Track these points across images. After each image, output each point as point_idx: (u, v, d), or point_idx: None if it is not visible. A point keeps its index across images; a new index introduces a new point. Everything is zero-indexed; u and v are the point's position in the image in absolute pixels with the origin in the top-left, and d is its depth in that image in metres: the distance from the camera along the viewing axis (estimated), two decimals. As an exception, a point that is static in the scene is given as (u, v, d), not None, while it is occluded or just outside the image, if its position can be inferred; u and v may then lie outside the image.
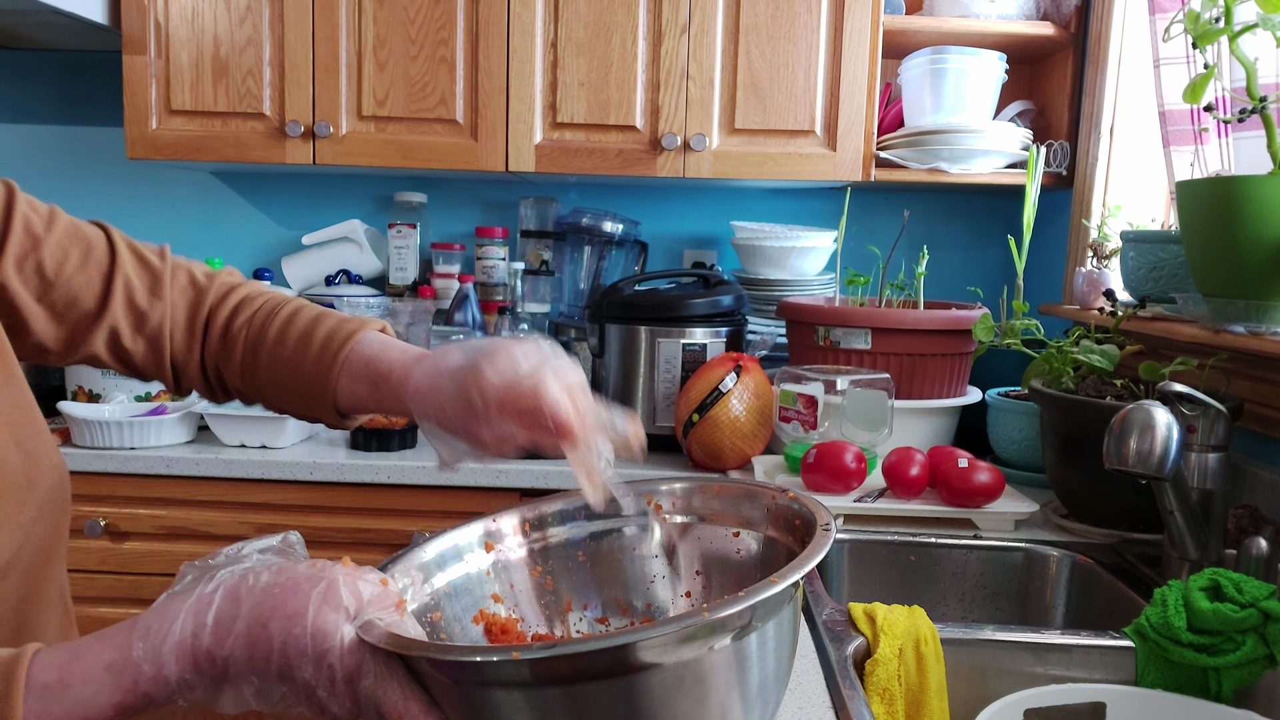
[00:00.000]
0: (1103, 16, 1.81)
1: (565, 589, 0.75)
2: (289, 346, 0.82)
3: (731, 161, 1.89)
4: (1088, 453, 1.25)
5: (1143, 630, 0.92)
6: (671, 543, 0.77)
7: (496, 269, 2.16)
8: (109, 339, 0.81)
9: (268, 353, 0.83)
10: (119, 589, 1.63)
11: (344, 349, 0.80)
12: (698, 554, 0.76)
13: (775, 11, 1.85)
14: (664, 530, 0.77)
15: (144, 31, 1.87)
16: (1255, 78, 1.11)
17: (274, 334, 0.83)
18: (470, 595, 0.71)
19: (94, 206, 2.29)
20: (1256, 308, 1.15)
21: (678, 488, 0.78)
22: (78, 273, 0.79)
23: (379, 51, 1.87)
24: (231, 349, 0.84)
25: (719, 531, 0.76)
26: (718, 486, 0.77)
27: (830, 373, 1.52)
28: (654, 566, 0.77)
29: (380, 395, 0.79)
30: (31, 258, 0.77)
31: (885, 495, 1.38)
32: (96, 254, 0.81)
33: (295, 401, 0.84)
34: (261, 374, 0.84)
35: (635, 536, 0.77)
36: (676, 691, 0.53)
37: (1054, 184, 1.93)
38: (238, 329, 0.84)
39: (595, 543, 0.77)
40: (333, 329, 0.82)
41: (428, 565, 0.69)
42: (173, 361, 0.84)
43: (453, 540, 0.72)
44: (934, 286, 2.09)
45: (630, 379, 1.77)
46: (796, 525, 0.69)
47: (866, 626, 0.96)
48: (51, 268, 0.77)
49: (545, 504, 0.77)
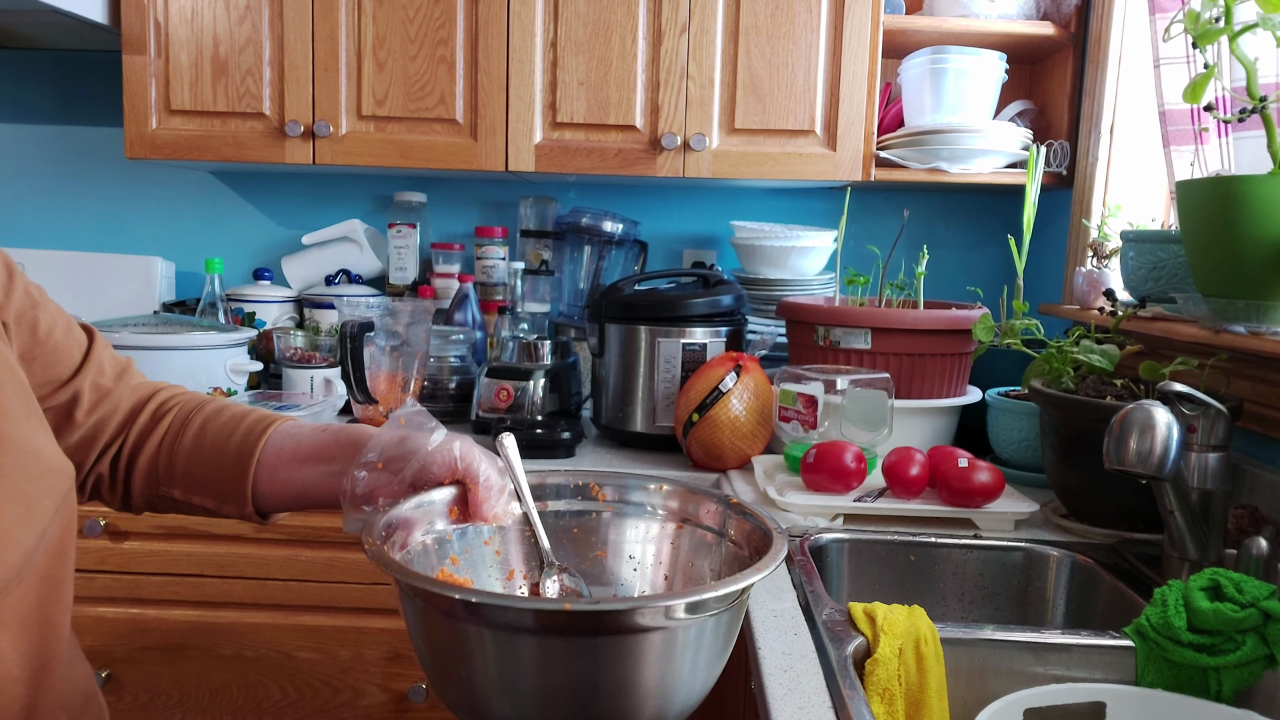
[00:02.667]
0: (1103, 16, 1.81)
1: (513, 559, 0.84)
2: (213, 432, 0.87)
3: (731, 161, 1.89)
4: (1088, 453, 1.24)
5: (1143, 630, 0.92)
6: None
7: (496, 269, 2.16)
8: (66, 405, 0.83)
9: (193, 435, 0.87)
10: (118, 589, 1.63)
11: (266, 433, 0.87)
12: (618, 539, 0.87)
13: (775, 11, 1.85)
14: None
15: (143, 31, 1.87)
16: (1255, 77, 1.11)
17: (202, 419, 0.88)
18: (437, 554, 0.79)
19: (93, 206, 2.29)
20: (1256, 308, 1.15)
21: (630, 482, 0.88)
22: (63, 339, 0.83)
23: (378, 51, 1.87)
24: (154, 429, 0.87)
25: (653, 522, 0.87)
26: (661, 485, 0.87)
27: (830, 372, 1.52)
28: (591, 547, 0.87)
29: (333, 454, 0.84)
30: (29, 315, 0.80)
31: (885, 495, 1.38)
32: (78, 333, 0.86)
33: (213, 487, 0.86)
34: (183, 455, 0.86)
35: (588, 520, 0.87)
36: (632, 655, 0.64)
37: (1054, 184, 1.93)
38: (165, 411, 0.89)
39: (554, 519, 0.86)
40: (256, 417, 0.88)
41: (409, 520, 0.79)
42: (102, 448, 0.86)
43: (429, 499, 0.80)
44: (934, 286, 2.09)
45: (630, 379, 1.76)
46: (747, 533, 0.80)
47: (866, 626, 0.95)
48: (43, 329, 0.81)
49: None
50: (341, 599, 1.62)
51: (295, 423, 0.88)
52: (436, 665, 0.68)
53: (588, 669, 0.63)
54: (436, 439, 0.78)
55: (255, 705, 1.65)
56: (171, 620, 1.64)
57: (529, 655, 0.63)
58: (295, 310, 2.21)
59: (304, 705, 1.65)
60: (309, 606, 1.63)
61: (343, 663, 1.64)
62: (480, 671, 0.64)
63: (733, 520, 0.81)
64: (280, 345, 1.93)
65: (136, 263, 2.17)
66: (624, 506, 0.86)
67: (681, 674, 0.66)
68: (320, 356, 1.91)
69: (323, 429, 0.86)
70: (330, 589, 1.62)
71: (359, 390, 1.67)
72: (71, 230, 2.30)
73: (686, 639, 0.66)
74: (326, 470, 0.83)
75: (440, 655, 0.67)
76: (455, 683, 0.66)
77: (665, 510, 0.85)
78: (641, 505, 0.86)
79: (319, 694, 1.65)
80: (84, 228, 2.30)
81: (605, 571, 0.85)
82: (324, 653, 1.64)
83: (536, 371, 1.82)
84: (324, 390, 1.87)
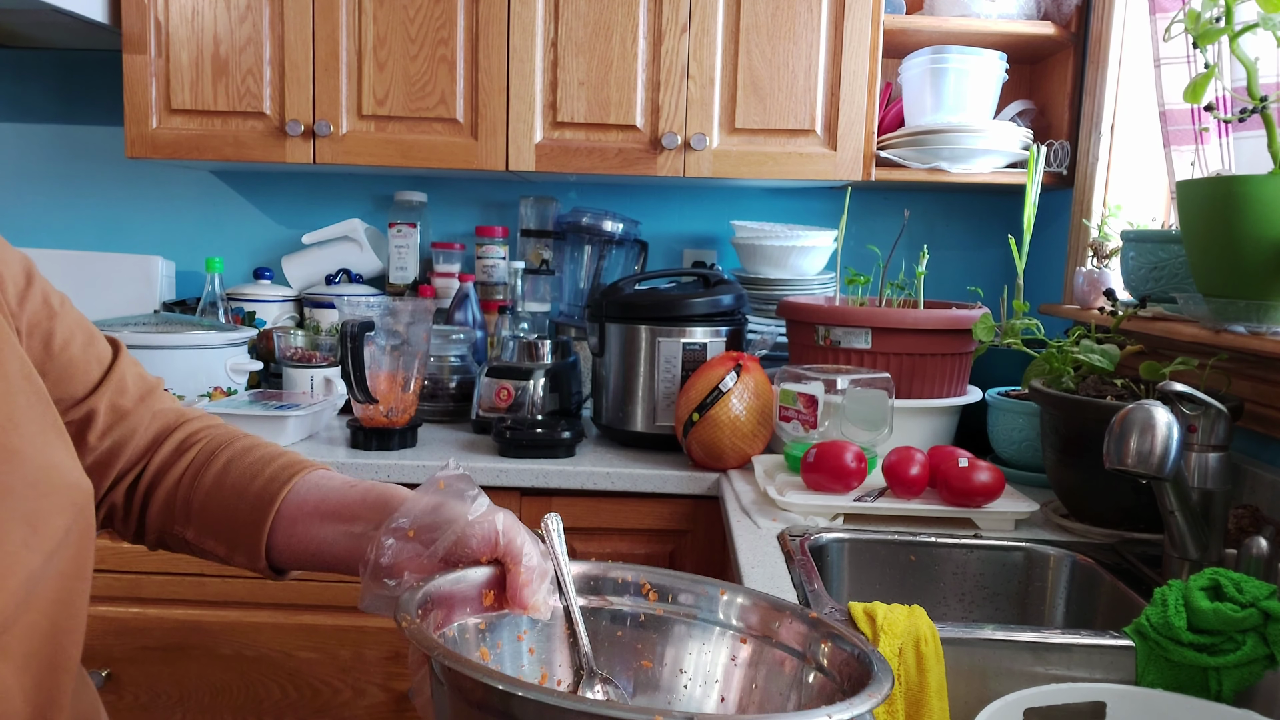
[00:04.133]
0: (1103, 16, 1.81)
1: (550, 660, 0.71)
2: (236, 474, 0.80)
3: (731, 161, 1.89)
4: (1088, 453, 1.24)
5: (1143, 630, 0.92)
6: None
7: (497, 268, 2.16)
8: (78, 425, 0.77)
9: (215, 474, 0.80)
10: (118, 588, 1.63)
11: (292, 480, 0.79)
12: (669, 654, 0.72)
13: (775, 11, 1.85)
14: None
15: (144, 30, 1.87)
16: (1256, 77, 1.11)
17: (228, 457, 0.81)
18: (465, 644, 0.68)
19: (94, 206, 2.29)
20: (1257, 308, 1.15)
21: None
22: (80, 354, 0.77)
23: (379, 50, 1.87)
24: (176, 462, 0.81)
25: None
26: (734, 595, 0.71)
27: (830, 372, 1.52)
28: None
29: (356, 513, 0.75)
30: (44, 326, 0.75)
31: (885, 495, 1.38)
32: (100, 347, 0.80)
33: (226, 534, 0.79)
34: (200, 494, 0.80)
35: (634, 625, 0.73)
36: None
37: (1054, 184, 1.93)
38: (191, 444, 0.82)
39: (598, 619, 0.73)
40: (285, 461, 0.81)
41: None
42: (117, 476, 0.80)
43: (465, 577, 0.68)
44: (934, 286, 2.09)
45: (630, 378, 1.76)
46: (841, 662, 0.64)
47: (866, 626, 0.95)
48: (58, 342, 0.75)
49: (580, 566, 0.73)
50: (341, 599, 1.62)
51: (326, 474, 0.80)
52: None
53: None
54: (478, 510, 0.68)
55: (255, 705, 1.65)
56: (171, 620, 1.64)
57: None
58: (295, 310, 2.21)
59: (304, 705, 1.65)
60: (309, 606, 1.63)
61: (343, 662, 1.64)
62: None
63: (819, 642, 0.66)
64: (280, 345, 1.93)
65: (137, 262, 2.17)
66: (681, 611, 0.72)
67: None
68: (320, 356, 1.91)
69: (353, 484, 0.77)
70: (330, 589, 1.62)
71: (359, 390, 1.67)
72: (72, 230, 2.30)
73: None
74: (347, 531, 0.74)
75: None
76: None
77: (737, 623, 0.70)
78: (707, 615, 0.71)
79: (319, 694, 1.65)
80: (84, 227, 2.30)
81: (652, 687, 0.71)
82: (324, 652, 1.64)
83: (537, 371, 1.82)
84: (324, 390, 1.87)
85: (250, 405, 1.74)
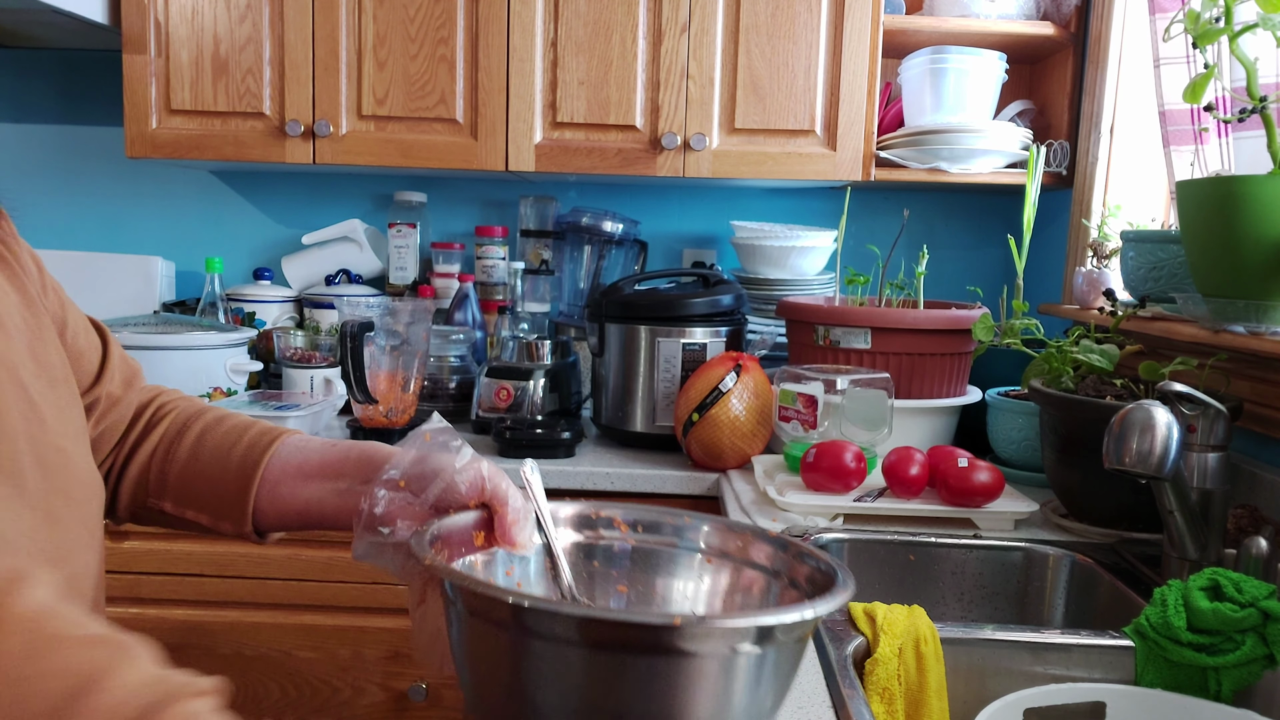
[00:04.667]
0: (1103, 16, 1.81)
1: (535, 592, 0.76)
2: (213, 443, 0.81)
3: (731, 161, 1.89)
4: (1087, 452, 1.24)
5: (1142, 630, 0.92)
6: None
7: (496, 268, 2.16)
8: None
9: (190, 445, 0.81)
10: (118, 588, 1.63)
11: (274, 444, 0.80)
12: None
13: (775, 11, 1.85)
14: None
15: (144, 30, 1.87)
16: (1255, 77, 1.11)
17: (201, 428, 0.82)
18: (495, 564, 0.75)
19: (94, 205, 2.29)
20: (1256, 308, 1.15)
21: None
22: (84, 344, 0.78)
23: (379, 50, 1.87)
24: (147, 436, 0.82)
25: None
26: (698, 521, 0.77)
27: (830, 372, 1.52)
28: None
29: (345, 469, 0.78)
30: (59, 317, 0.75)
31: (885, 495, 1.38)
32: (93, 334, 0.80)
33: (210, 502, 0.80)
34: (176, 466, 0.81)
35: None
36: (697, 679, 0.57)
37: (1054, 184, 1.93)
38: (160, 418, 0.83)
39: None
40: (259, 430, 0.82)
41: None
42: (101, 459, 0.81)
43: (459, 520, 0.74)
44: (934, 286, 2.09)
45: (630, 378, 1.76)
46: (807, 575, 0.70)
47: (866, 626, 0.95)
48: (69, 334, 0.76)
49: (602, 508, 0.79)
50: (341, 598, 1.63)
51: (303, 436, 0.82)
52: (489, 684, 0.61)
53: (645, 692, 0.56)
54: (464, 458, 0.73)
55: (255, 705, 1.65)
56: (171, 620, 1.64)
57: (592, 671, 0.56)
58: (295, 310, 2.21)
59: (304, 704, 1.65)
60: (309, 606, 1.63)
61: (342, 662, 1.64)
62: (536, 688, 0.58)
63: (787, 560, 0.71)
64: (280, 345, 1.93)
65: (136, 262, 2.17)
66: (653, 540, 0.76)
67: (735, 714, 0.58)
68: (320, 356, 1.91)
69: (333, 444, 0.80)
70: (330, 588, 1.62)
71: (359, 390, 1.67)
72: (72, 230, 2.30)
73: (748, 669, 0.57)
74: (334, 488, 0.77)
75: (501, 676, 0.60)
76: (501, 697, 0.60)
77: (705, 547, 0.75)
78: (675, 541, 0.76)
79: (319, 693, 1.65)
80: (84, 227, 2.30)
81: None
82: (324, 652, 1.64)
83: (536, 371, 1.82)
84: (324, 390, 1.87)
85: (250, 406, 1.74)
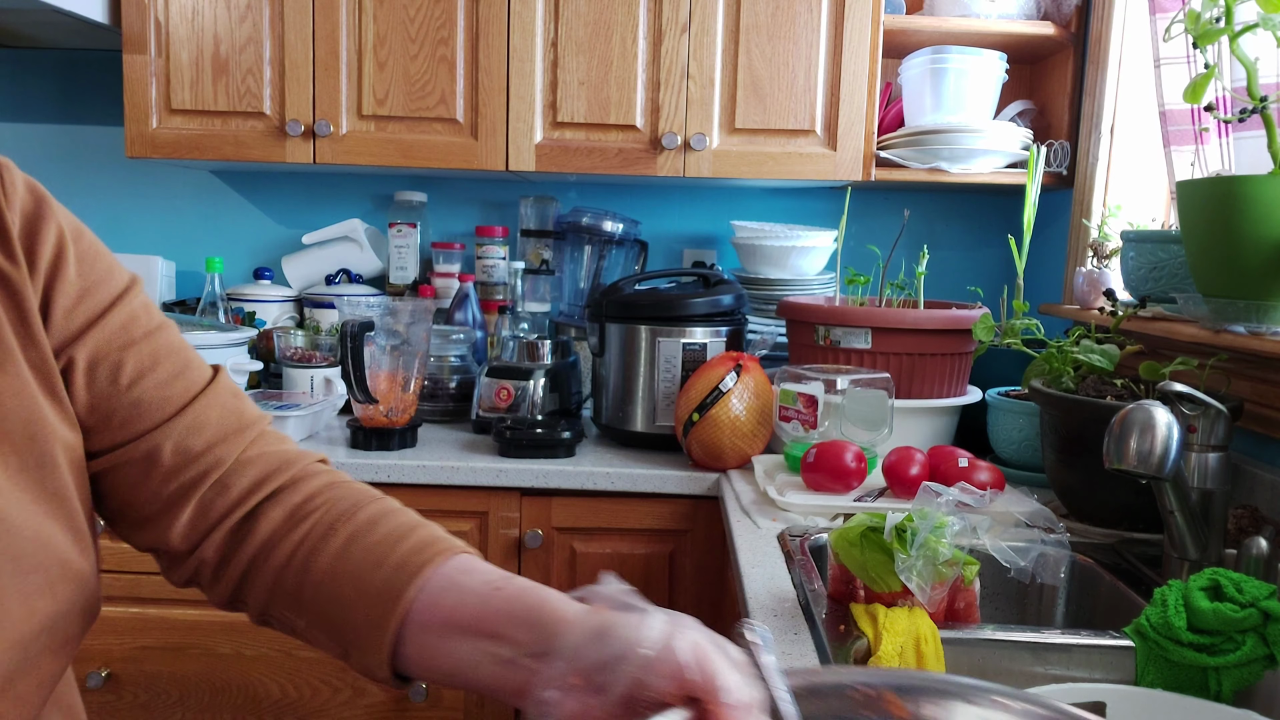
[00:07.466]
0: (1103, 16, 1.81)
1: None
2: (358, 556, 0.67)
3: (731, 161, 1.89)
4: (1088, 453, 1.24)
5: (1142, 630, 0.92)
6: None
7: (497, 268, 2.16)
8: (141, 466, 0.67)
9: (332, 555, 0.67)
10: (118, 588, 1.63)
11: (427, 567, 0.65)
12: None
13: (775, 11, 1.85)
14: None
15: (144, 30, 1.87)
16: (1255, 77, 1.11)
17: (348, 534, 0.68)
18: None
19: (94, 205, 2.29)
20: (1256, 308, 1.15)
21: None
22: (153, 390, 0.68)
23: (379, 50, 1.87)
24: (290, 533, 0.69)
25: None
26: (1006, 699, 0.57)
27: (830, 372, 1.52)
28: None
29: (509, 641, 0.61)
30: (112, 359, 0.66)
31: (885, 495, 1.38)
32: (188, 379, 0.70)
33: (341, 632, 0.67)
34: (314, 578, 0.67)
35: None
36: None
37: (1054, 184, 1.93)
38: (309, 512, 0.70)
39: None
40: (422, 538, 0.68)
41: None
42: (194, 528, 0.69)
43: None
44: (934, 286, 2.09)
45: (630, 378, 1.76)
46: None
47: (868, 626, 0.96)
48: (127, 376, 0.66)
49: None
50: (342, 598, 1.62)
51: (463, 566, 0.66)
52: None
53: None
54: (652, 635, 0.54)
55: (255, 704, 1.65)
56: (171, 619, 1.64)
57: None
58: (295, 310, 2.21)
59: (304, 704, 1.65)
60: (309, 606, 1.63)
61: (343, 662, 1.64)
62: None
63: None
64: (280, 345, 1.93)
65: (137, 262, 2.17)
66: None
67: None
68: (320, 356, 1.91)
69: (496, 588, 0.63)
70: (330, 588, 1.62)
71: (359, 390, 1.67)
72: (72, 229, 2.29)
73: None
74: (494, 653, 0.61)
75: None
76: None
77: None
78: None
79: (319, 693, 1.65)
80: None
81: None
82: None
83: (537, 371, 1.82)
84: (324, 390, 1.87)
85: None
